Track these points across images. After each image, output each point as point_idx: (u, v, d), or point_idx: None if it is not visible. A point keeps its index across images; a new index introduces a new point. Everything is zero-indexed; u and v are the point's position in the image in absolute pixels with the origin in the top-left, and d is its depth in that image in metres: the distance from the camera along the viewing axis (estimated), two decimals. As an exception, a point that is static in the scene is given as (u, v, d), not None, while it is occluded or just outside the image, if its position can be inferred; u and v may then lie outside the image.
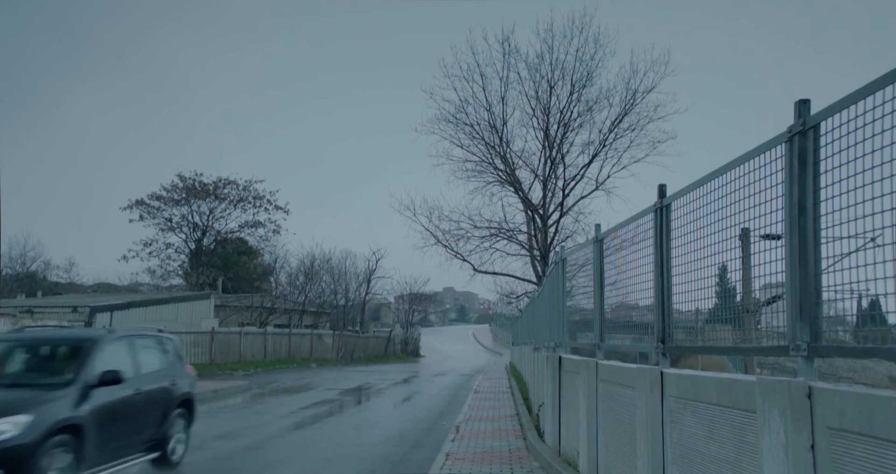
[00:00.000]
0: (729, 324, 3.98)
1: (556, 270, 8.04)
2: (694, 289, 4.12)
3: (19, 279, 60.50)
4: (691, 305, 4.40)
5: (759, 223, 3.35)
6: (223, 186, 46.26)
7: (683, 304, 4.54)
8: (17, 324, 15.64)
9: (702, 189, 3.95)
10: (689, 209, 4.15)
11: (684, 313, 4.71)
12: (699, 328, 4.51)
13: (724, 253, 3.75)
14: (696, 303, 4.22)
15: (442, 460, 8.17)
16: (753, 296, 3.70)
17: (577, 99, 24.83)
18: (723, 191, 3.72)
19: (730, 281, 3.90)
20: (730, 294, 4.05)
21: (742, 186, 3.53)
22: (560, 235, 25.96)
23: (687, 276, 4.19)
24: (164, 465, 8.27)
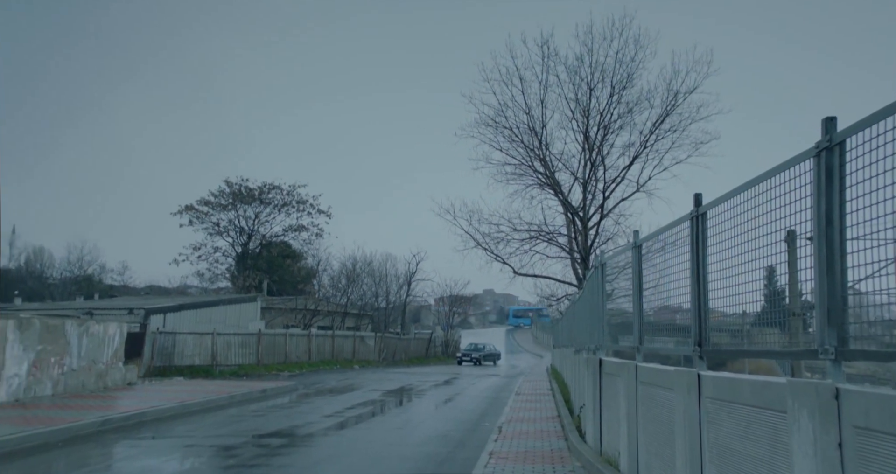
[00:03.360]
0: (762, 329, 4.14)
1: (595, 275, 8.22)
2: (728, 294, 4.29)
3: (77, 282, 63.34)
4: (727, 309, 4.56)
5: (782, 236, 3.52)
6: (268, 191, 47.55)
7: (721, 309, 4.70)
8: (82, 325, 16.56)
9: (735, 200, 4.13)
10: (724, 218, 4.32)
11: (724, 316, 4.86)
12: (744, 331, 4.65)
13: (756, 260, 3.91)
14: (732, 307, 4.39)
15: (486, 459, 8.43)
16: (785, 302, 3.85)
17: (618, 101, 24.78)
18: (755, 202, 3.89)
19: (762, 287, 4.06)
20: (767, 299, 4.20)
21: (773, 197, 3.70)
22: (600, 237, 25.93)
23: (721, 283, 4.36)
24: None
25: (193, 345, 27.57)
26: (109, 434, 11.37)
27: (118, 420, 12.30)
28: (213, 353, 28.55)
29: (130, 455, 9.74)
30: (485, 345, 45.67)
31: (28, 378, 14.34)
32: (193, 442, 10.78)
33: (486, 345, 46.01)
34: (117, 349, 18.19)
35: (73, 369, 16.03)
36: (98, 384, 17.10)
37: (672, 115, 24.29)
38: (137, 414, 12.95)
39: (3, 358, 13.50)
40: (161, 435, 11.48)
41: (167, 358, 26.01)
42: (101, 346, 17.32)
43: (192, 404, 15.09)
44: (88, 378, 16.71)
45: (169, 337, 26.78)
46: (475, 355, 43.07)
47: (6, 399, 13.60)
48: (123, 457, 9.64)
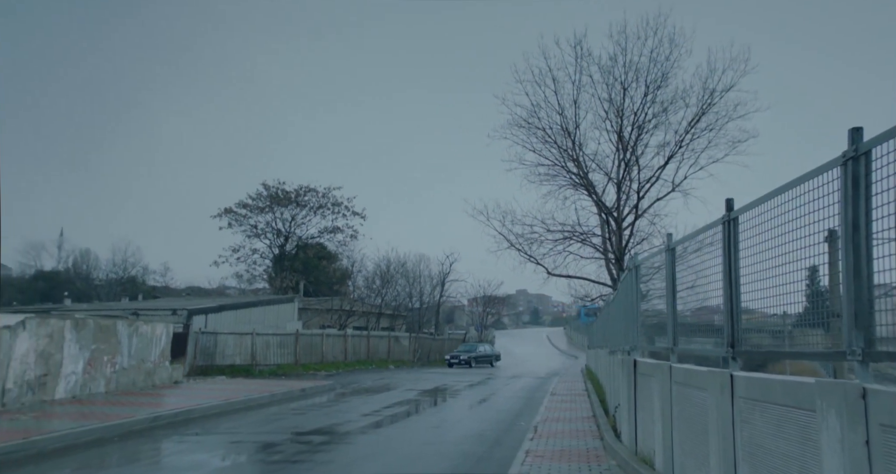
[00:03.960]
0: (793, 331, 4.25)
1: (629, 277, 8.33)
2: (759, 297, 4.41)
3: (122, 283, 65.42)
4: (761, 312, 4.67)
5: (818, 239, 3.64)
6: (304, 194, 48.45)
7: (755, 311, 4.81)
8: (131, 326, 17.27)
9: (765, 206, 4.25)
10: (755, 223, 4.44)
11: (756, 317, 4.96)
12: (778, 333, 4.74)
13: (786, 264, 4.03)
14: (764, 309, 4.50)
15: (522, 457, 8.61)
16: (814, 304, 3.96)
17: (652, 100, 24.61)
18: (785, 208, 4.01)
19: (793, 290, 4.17)
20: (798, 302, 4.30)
21: (802, 204, 3.82)
22: (635, 238, 25.79)
23: (752, 286, 4.48)
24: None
25: (234, 345, 28.35)
26: (160, 429, 11.90)
27: (168, 416, 12.86)
28: (252, 353, 29.30)
29: (181, 450, 10.20)
30: (477, 346, 41.77)
31: (84, 375, 15.06)
32: (239, 439, 11.21)
33: (481, 346, 42.25)
34: (164, 348, 18.91)
35: (124, 368, 16.75)
36: (147, 382, 17.81)
37: (708, 114, 24.03)
38: (185, 412, 13.50)
39: (62, 356, 14.22)
40: (208, 431, 11.96)
41: (209, 358, 26.80)
42: (150, 346, 18.03)
43: (235, 402, 15.62)
44: (138, 376, 17.43)
45: (211, 337, 27.60)
46: (463, 357, 38.96)
47: (64, 395, 14.34)
48: (174, 452, 10.10)
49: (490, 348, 42.49)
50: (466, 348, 40.60)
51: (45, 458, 9.09)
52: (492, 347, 42.98)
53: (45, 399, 13.71)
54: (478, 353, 39.81)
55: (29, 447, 9.25)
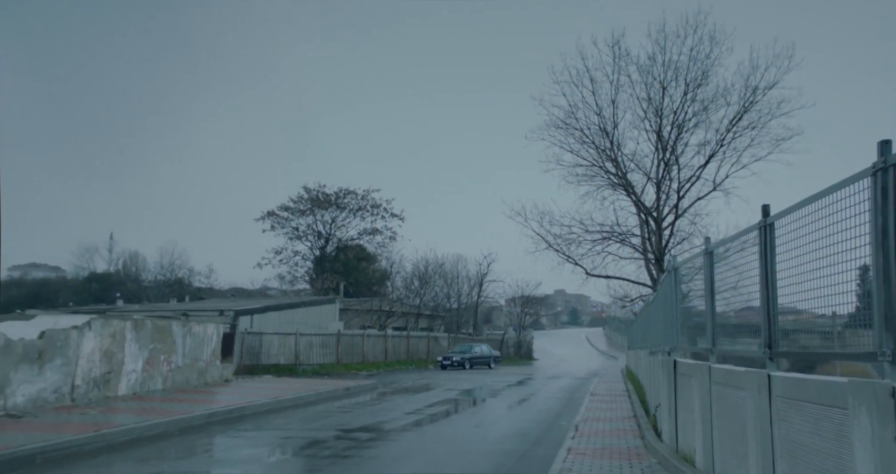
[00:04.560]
0: (827, 332, 4.42)
1: (668, 279, 8.48)
2: (797, 299, 4.58)
3: (169, 285, 67.63)
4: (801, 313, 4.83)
5: (851, 244, 3.81)
6: (343, 196, 49.41)
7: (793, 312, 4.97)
8: (185, 326, 18.06)
9: (799, 212, 4.43)
10: (789, 229, 4.62)
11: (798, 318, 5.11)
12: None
13: (821, 269, 4.20)
14: (804, 312, 4.66)
15: (564, 454, 8.84)
16: (849, 308, 4.13)
17: (692, 99, 24.41)
18: (818, 215, 4.19)
19: (828, 294, 4.33)
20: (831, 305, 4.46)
21: (834, 211, 3.99)
22: (675, 238, 25.60)
23: (789, 289, 4.66)
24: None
25: (278, 345, 29.19)
26: (216, 425, 12.51)
27: (222, 413, 13.48)
28: (296, 353, 30.12)
29: (237, 444, 10.75)
30: (472, 347, 38.43)
31: (143, 373, 15.88)
32: (290, 434, 11.71)
33: (477, 346, 38.36)
34: (215, 348, 19.70)
35: (179, 366, 17.55)
36: (199, 380, 18.60)
37: (750, 112, 23.70)
38: (238, 409, 14.11)
39: (123, 355, 15.04)
40: (260, 427, 12.52)
41: (255, 357, 27.67)
42: (202, 345, 18.83)
43: (284, 400, 16.22)
44: (191, 374, 18.23)
45: (256, 337, 28.50)
46: (457, 358, 35.75)
47: (126, 392, 15.15)
48: (232, 446, 10.64)
49: (487, 348, 39.35)
50: (461, 349, 37.54)
51: (116, 450, 9.72)
52: (489, 349, 39.67)
53: (108, 395, 14.53)
54: (473, 354, 36.80)
55: (100, 439, 9.91)
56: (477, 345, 38.05)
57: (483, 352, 37.57)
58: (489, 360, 37.62)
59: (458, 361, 34.96)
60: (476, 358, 36.40)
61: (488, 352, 38.17)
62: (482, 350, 37.81)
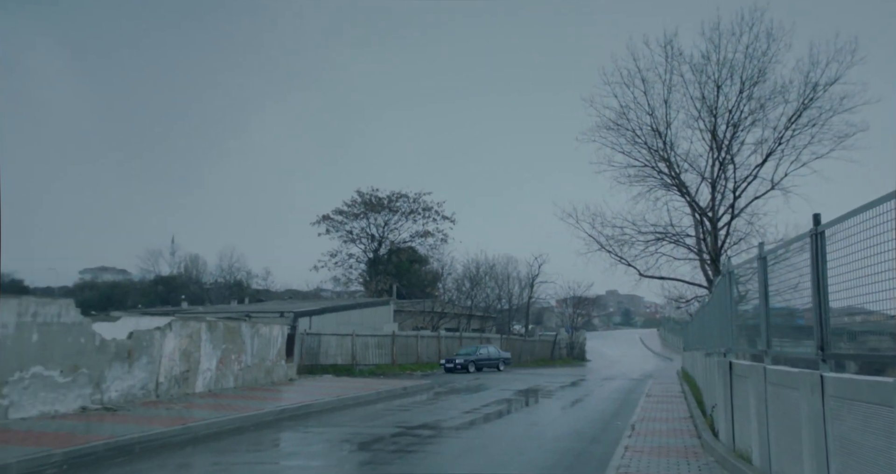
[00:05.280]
0: (879, 334, 4.66)
1: (722, 282, 8.68)
2: (849, 304, 4.83)
3: (229, 287, 70.23)
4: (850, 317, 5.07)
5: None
6: (396, 199, 50.43)
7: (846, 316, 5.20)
8: (253, 327, 19.06)
9: (849, 221, 4.69)
10: (840, 237, 4.87)
11: (852, 322, 5.33)
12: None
13: (873, 275, 4.45)
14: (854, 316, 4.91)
15: (622, 451, 9.14)
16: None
17: (748, 97, 24.03)
18: (869, 224, 4.44)
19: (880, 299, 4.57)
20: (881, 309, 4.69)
21: (887, 220, 4.24)
22: (731, 238, 25.24)
23: (841, 294, 4.91)
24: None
25: (336, 346, 30.19)
26: (286, 421, 13.30)
27: (291, 410, 14.29)
28: (352, 353, 31.06)
29: (308, 439, 11.45)
30: (478, 348, 35.74)
31: (216, 372, 16.92)
32: (356, 431, 12.36)
33: (483, 348, 36.01)
34: (280, 348, 20.68)
35: (248, 365, 18.56)
36: (267, 379, 19.60)
37: (810, 109, 23.15)
38: (305, 406, 14.90)
39: (199, 355, 16.09)
40: (327, 424, 13.23)
41: (313, 357, 28.70)
42: (268, 346, 19.82)
43: (346, 398, 16.96)
44: (259, 373, 19.23)
45: (315, 338, 29.56)
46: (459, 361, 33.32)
47: (202, 389, 16.20)
48: (303, 441, 11.35)
49: (495, 350, 36.68)
50: (466, 351, 35.24)
51: (200, 442, 10.57)
52: (497, 350, 37.01)
53: (187, 392, 15.58)
54: (479, 356, 34.28)
55: (186, 432, 10.79)
56: (483, 347, 36.04)
57: (490, 354, 35.57)
58: (497, 362, 35.53)
59: (460, 364, 32.83)
60: (482, 361, 34.30)
61: (496, 354, 36.14)
62: (489, 351, 35.74)
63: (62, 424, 10.63)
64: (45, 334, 11.33)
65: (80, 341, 12.17)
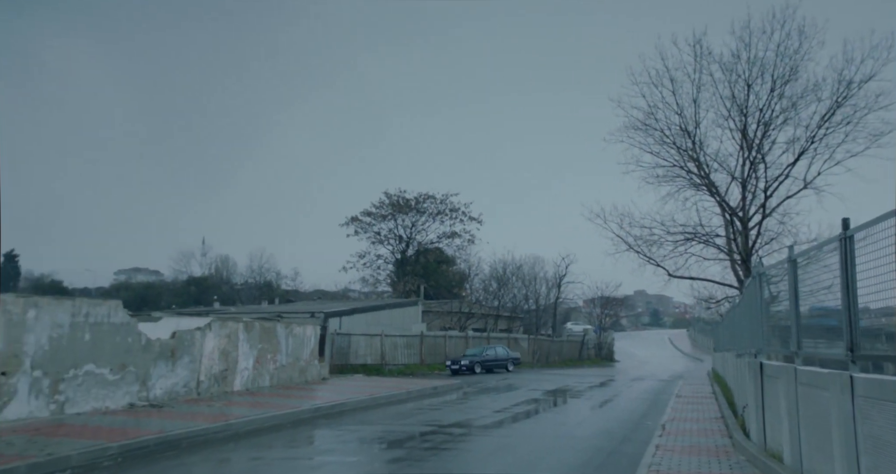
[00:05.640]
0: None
1: (753, 284, 8.78)
2: (876, 306, 4.96)
3: (259, 287, 71.42)
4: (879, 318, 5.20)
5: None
6: (423, 201, 50.86)
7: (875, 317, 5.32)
8: (287, 328, 19.55)
9: (878, 226, 4.83)
10: (868, 242, 5.01)
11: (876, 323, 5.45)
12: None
13: None
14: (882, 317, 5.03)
15: (652, 450, 9.29)
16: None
17: (780, 96, 23.74)
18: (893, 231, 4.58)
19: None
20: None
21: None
22: (763, 238, 24.96)
23: (869, 297, 5.05)
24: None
25: (365, 346, 30.65)
26: (321, 419, 13.69)
27: (326, 408, 14.69)
28: (382, 353, 31.49)
29: (345, 436, 11.80)
30: (485, 349, 34.52)
31: (253, 371, 17.43)
32: (391, 428, 12.69)
33: (490, 349, 34.78)
34: (313, 348, 21.16)
35: (283, 365, 19.06)
36: (300, 378, 20.08)
37: (844, 107, 22.80)
38: (339, 405, 15.30)
39: (237, 354, 16.62)
40: (362, 421, 13.59)
41: (343, 357, 29.19)
42: (302, 346, 20.31)
43: (378, 397, 17.32)
44: (293, 372, 19.72)
45: (345, 338, 30.06)
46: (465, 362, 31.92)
47: (240, 388, 16.73)
48: (341, 438, 11.70)
49: (503, 350, 35.42)
50: (473, 351, 34.15)
51: (242, 437, 11.00)
52: (505, 350, 35.75)
53: (226, 390, 16.10)
54: (485, 357, 33.09)
55: (228, 428, 11.23)
56: (491, 347, 35.00)
57: (498, 355, 34.58)
58: (506, 363, 34.63)
59: (466, 365, 31.65)
60: (489, 362, 33.22)
61: (505, 354, 35.11)
62: (497, 352, 34.75)
63: (114, 419, 11.18)
64: (96, 334, 11.90)
65: (127, 340, 12.72)
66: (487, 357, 33.08)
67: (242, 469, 8.90)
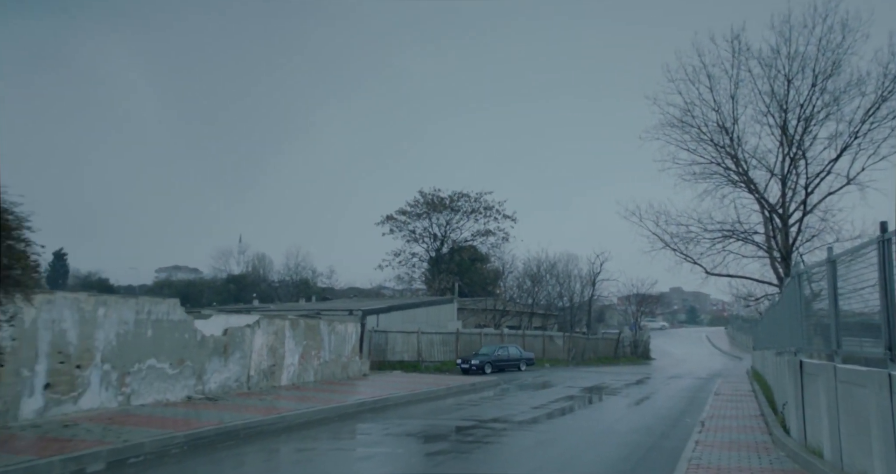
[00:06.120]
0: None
1: (792, 283, 8.92)
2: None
3: (296, 285, 72.75)
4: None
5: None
6: (457, 199, 51.26)
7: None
8: (329, 325, 20.18)
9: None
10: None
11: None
12: None
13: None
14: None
15: (692, 446, 9.50)
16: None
17: (821, 90, 23.43)
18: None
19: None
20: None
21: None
22: (804, 235, 24.68)
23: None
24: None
25: (402, 343, 31.21)
26: (366, 413, 14.21)
27: (370, 403, 15.21)
28: (418, 350, 32.01)
29: (391, 430, 12.25)
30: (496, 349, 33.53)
31: (298, 367, 18.10)
32: (433, 423, 13.12)
33: (501, 349, 33.81)
34: (354, 345, 21.77)
35: (326, 361, 19.70)
36: (343, 374, 20.70)
37: (890, 101, 22.39)
38: (382, 400, 15.81)
39: (284, 350, 17.29)
40: (405, 416, 14.05)
41: (381, 354, 29.79)
42: (343, 343, 20.93)
43: (419, 393, 17.79)
44: (336, 368, 20.35)
45: (382, 335, 30.67)
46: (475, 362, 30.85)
47: (287, 383, 17.40)
48: (387, 432, 12.16)
49: (516, 349, 34.85)
50: (485, 351, 33.43)
51: (294, 430, 11.57)
52: (518, 349, 35.21)
53: (273, 385, 16.79)
54: (497, 357, 32.30)
55: (281, 421, 11.82)
56: (503, 347, 34.37)
57: (510, 354, 33.88)
58: (518, 363, 33.96)
59: (476, 365, 30.76)
60: (501, 361, 32.41)
61: (517, 354, 34.46)
62: (509, 351, 34.05)
63: (175, 411, 11.88)
64: (157, 330, 12.64)
65: (184, 337, 13.45)
66: (499, 356, 32.70)
67: (299, 458, 9.44)
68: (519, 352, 34.98)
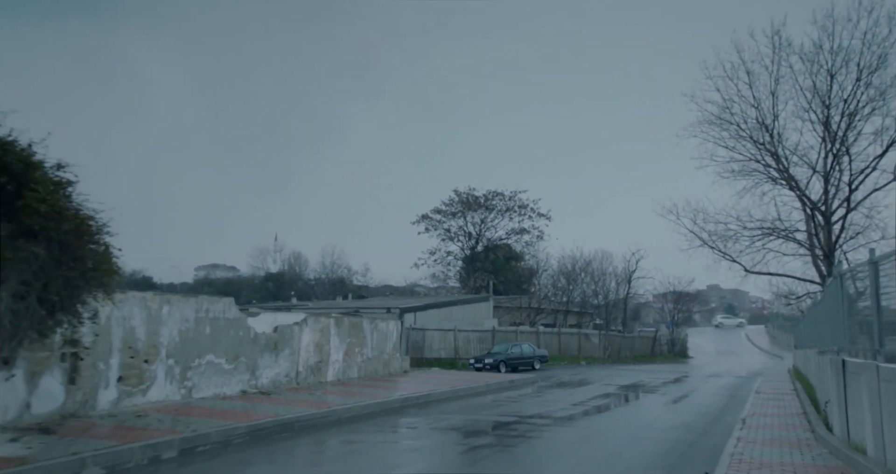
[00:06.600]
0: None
1: (834, 283, 9.04)
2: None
3: (332, 283, 73.90)
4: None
5: None
6: (492, 198, 51.56)
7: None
8: (372, 323, 20.75)
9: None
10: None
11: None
12: None
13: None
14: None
15: (734, 443, 9.68)
16: None
17: (866, 85, 23.00)
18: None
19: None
20: None
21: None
22: (847, 233, 24.26)
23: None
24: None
25: (439, 340, 31.70)
26: (410, 408, 14.68)
27: (413, 398, 15.69)
28: (455, 348, 32.47)
29: (435, 424, 12.68)
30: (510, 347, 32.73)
31: (343, 363, 18.71)
32: (476, 418, 13.52)
33: (515, 346, 33.08)
34: (395, 342, 22.32)
35: (369, 358, 20.28)
36: (384, 371, 21.27)
37: (939, 95, 21.90)
38: (424, 396, 16.27)
39: (329, 347, 17.91)
40: (448, 411, 14.48)
41: (418, 351, 30.31)
42: (385, 340, 21.49)
43: (459, 390, 18.21)
44: (378, 365, 20.92)
45: (420, 333, 31.21)
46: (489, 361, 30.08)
47: (332, 378, 18.03)
48: (431, 425, 12.59)
49: (530, 348, 34.03)
50: (498, 349, 32.81)
51: (344, 423, 12.10)
52: (532, 347, 34.37)
53: (320, 380, 17.42)
54: (510, 355, 31.51)
55: (331, 415, 12.38)
56: (516, 345, 33.66)
57: (524, 353, 33.09)
58: (532, 361, 33.15)
59: (489, 363, 30.07)
60: (514, 360, 31.58)
61: (531, 352, 33.66)
62: (522, 350, 33.26)
63: (233, 404, 12.55)
64: (214, 327, 13.34)
65: (239, 334, 14.14)
66: (513, 355, 32.10)
67: (351, 450, 9.95)
68: (532, 350, 34.41)
